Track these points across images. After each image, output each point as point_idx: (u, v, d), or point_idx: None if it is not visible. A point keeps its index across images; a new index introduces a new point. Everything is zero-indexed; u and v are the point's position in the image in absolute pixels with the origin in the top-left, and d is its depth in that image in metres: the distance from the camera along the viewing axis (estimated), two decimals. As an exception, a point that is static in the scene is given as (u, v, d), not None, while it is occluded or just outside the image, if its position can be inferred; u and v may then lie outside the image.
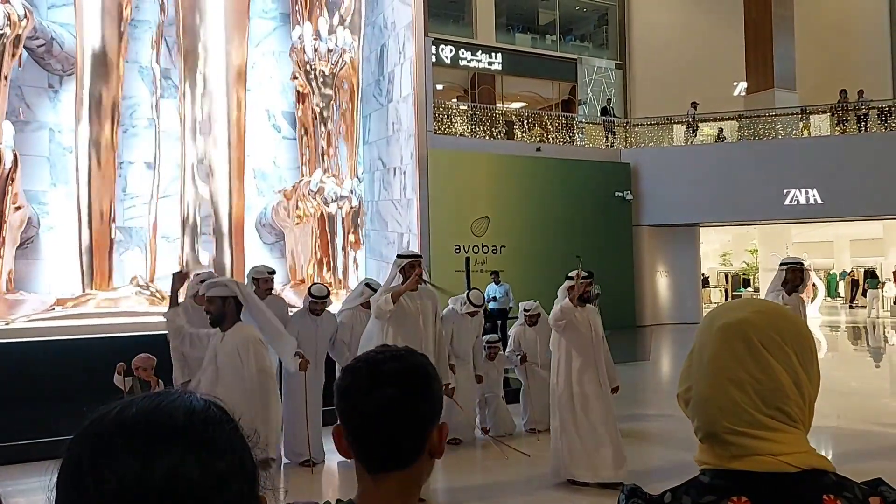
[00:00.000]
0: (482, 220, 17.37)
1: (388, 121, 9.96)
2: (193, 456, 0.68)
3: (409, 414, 1.08)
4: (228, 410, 0.77)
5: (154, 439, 0.68)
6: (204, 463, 0.68)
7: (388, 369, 1.09)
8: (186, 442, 0.69)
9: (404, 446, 1.08)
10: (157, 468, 0.66)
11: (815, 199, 18.45)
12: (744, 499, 0.99)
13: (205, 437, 0.71)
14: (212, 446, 0.70)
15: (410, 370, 1.10)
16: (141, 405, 0.72)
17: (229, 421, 0.75)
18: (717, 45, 22.98)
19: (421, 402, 1.09)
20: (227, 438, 0.73)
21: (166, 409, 0.71)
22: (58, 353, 7.09)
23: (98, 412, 0.72)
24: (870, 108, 19.18)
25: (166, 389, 0.77)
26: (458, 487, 5.62)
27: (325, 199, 9.32)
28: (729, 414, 1.01)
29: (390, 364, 1.10)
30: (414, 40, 9.71)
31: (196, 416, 0.72)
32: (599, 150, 20.26)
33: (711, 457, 1.04)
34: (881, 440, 7.17)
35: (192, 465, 0.67)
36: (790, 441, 1.00)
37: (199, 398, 0.75)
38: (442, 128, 18.01)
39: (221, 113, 8.83)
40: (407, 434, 1.08)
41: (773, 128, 19.78)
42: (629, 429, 7.38)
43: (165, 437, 0.69)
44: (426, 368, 1.12)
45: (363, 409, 1.08)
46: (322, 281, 9.36)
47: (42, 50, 8.09)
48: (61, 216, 8.10)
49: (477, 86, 21.75)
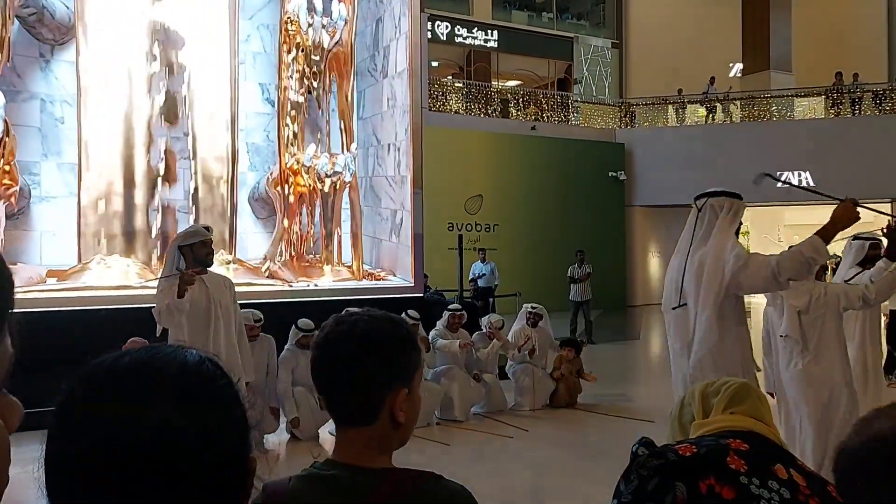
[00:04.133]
0: (476, 198, 17.35)
1: (383, 96, 9.90)
2: (182, 408, 0.69)
3: (358, 373, 1.12)
4: (224, 367, 0.77)
5: (144, 389, 0.69)
6: (193, 416, 0.69)
7: (345, 329, 1.14)
8: (176, 394, 0.69)
9: (356, 404, 1.12)
10: (146, 417, 0.67)
11: (808, 181, 18.48)
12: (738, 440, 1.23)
13: (196, 392, 0.71)
14: (202, 401, 0.71)
15: (367, 331, 1.13)
16: (136, 356, 0.72)
17: (223, 377, 0.75)
18: (714, 26, 22.88)
19: (372, 362, 1.12)
20: (218, 395, 0.73)
21: (160, 362, 0.72)
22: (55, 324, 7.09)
23: (94, 361, 0.73)
24: (864, 91, 19.17)
25: (163, 343, 0.77)
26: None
27: (318, 175, 9.28)
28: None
29: (349, 324, 1.14)
30: (409, 15, 9.62)
31: (188, 369, 0.72)
32: (594, 130, 20.22)
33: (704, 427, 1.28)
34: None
35: (180, 418, 0.68)
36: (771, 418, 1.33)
37: (194, 353, 0.75)
38: (437, 105, 17.92)
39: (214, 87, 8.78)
40: (358, 392, 1.12)
41: (768, 109, 19.76)
42: (621, 407, 7.46)
43: (156, 388, 0.69)
44: (386, 330, 1.14)
45: (321, 362, 1.15)
46: (312, 257, 9.35)
47: (33, 19, 7.98)
48: (53, 187, 8.05)
49: (472, 63, 21.62)
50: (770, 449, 1.23)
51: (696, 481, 1.14)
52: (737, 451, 1.18)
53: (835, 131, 18.45)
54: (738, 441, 1.21)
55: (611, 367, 9.88)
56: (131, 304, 7.04)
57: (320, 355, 1.15)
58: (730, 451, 1.18)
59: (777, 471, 1.16)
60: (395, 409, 1.12)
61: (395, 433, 1.14)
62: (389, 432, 1.14)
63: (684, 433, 1.36)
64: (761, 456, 1.19)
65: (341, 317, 1.17)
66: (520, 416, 7.11)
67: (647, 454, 1.20)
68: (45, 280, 7.84)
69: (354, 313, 1.17)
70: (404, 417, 1.13)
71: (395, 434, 1.15)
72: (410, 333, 1.17)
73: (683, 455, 1.18)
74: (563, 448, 6.12)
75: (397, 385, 1.13)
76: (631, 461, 1.22)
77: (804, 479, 1.16)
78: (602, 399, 7.73)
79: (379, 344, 1.13)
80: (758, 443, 1.22)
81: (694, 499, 1.14)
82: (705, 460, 1.17)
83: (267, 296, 8.28)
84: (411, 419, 1.16)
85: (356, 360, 1.12)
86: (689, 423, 1.36)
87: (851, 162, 17.94)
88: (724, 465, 1.15)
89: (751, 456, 1.18)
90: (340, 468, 1.12)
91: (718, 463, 1.15)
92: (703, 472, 1.15)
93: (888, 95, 19.05)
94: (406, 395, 1.14)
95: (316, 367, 1.16)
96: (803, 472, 1.19)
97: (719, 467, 1.15)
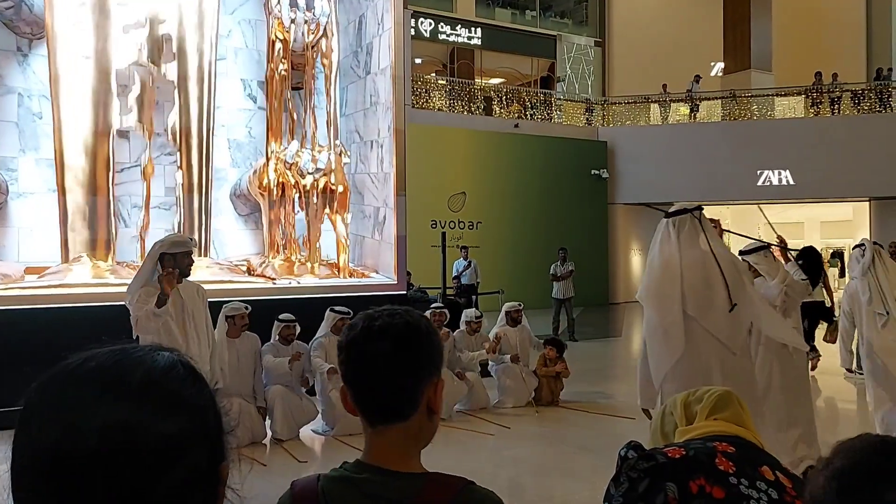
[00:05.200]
0: (459, 195, 17.36)
1: (366, 93, 9.86)
2: (148, 413, 0.66)
3: (401, 367, 1.12)
4: (198, 371, 0.74)
5: (104, 393, 0.66)
6: (159, 421, 0.66)
7: (381, 324, 1.13)
8: (138, 398, 0.67)
9: (398, 399, 1.12)
10: (100, 421, 0.64)
11: (788, 180, 18.67)
12: (724, 443, 1.24)
13: (164, 395, 0.68)
14: (171, 406, 0.68)
15: (403, 325, 1.13)
16: (102, 358, 0.70)
17: (195, 381, 0.72)
18: (696, 25, 23.03)
19: (412, 356, 1.13)
20: (189, 398, 0.70)
21: (125, 364, 0.69)
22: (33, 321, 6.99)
23: (57, 366, 0.70)
24: (843, 91, 19.38)
25: (136, 345, 0.74)
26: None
27: (300, 171, 9.24)
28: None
29: (385, 319, 1.14)
30: (393, 12, 9.59)
31: (155, 373, 0.69)
32: (576, 128, 20.29)
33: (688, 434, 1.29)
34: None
35: (146, 422, 0.65)
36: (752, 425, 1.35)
37: (166, 356, 0.72)
38: (420, 102, 17.89)
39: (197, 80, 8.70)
40: (400, 387, 1.12)
41: (749, 108, 19.93)
42: (602, 404, 7.49)
43: (116, 392, 0.66)
44: (419, 324, 1.16)
45: (358, 361, 1.13)
46: (296, 256, 9.31)
47: (10, 12, 7.87)
48: (31, 183, 7.94)
49: (456, 60, 21.61)
50: (755, 452, 1.25)
51: (686, 481, 1.15)
52: (724, 454, 1.20)
53: (814, 131, 18.63)
54: (725, 444, 1.23)
55: (593, 364, 9.92)
56: (109, 302, 6.97)
57: (358, 352, 1.13)
58: (717, 453, 1.20)
59: (764, 472, 1.18)
60: (434, 399, 1.14)
61: (429, 425, 1.15)
62: (425, 425, 1.15)
63: (667, 442, 1.38)
64: (748, 458, 1.21)
65: (372, 313, 1.17)
66: (502, 413, 7.13)
67: (636, 457, 1.20)
68: (24, 277, 7.74)
69: (380, 309, 1.18)
70: (439, 406, 1.15)
71: (430, 426, 1.15)
72: (433, 325, 1.19)
73: (673, 457, 1.20)
74: (544, 445, 6.14)
75: (434, 375, 1.15)
76: (620, 465, 1.22)
77: (790, 482, 1.18)
78: (584, 396, 7.76)
79: (415, 336, 1.14)
80: (743, 446, 1.25)
81: (685, 499, 1.15)
82: (694, 461, 1.19)
83: (250, 293, 8.23)
84: (438, 415, 1.17)
85: (397, 354, 1.11)
86: (672, 433, 1.38)
87: (831, 161, 18.14)
88: (713, 465, 1.17)
89: (738, 458, 1.20)
90: (373, 472, 1.10)
91: (707, 464, 1.17)
92: (693, 472, 1.17)
93: (866, 95, 19.27)
94: (441, 384, 1.16)
95: (353, 365, 1.14)
96: (788, 475, 1.21)
97: (709, 468, 1.17)
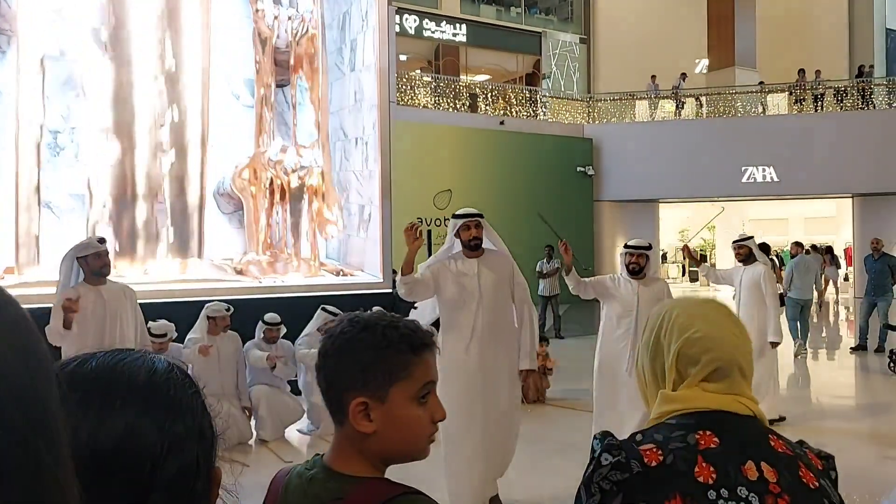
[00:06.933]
0: (445, 193, 17.33)
1: (351, 90, 9.80)
2: (150, 416, 0.67)
3: (323, 376, 1.14)
4: (191, 376, 0.75)
5: (111, 397, 0.67)
6: (160, 424, 0.67)
7: (335, 329, 1.14)
8: (144, 402, 0.68)
9: (328, 401, 1.14)
10: (112, 425, 0.65)
11: (772, 176, 18.78)
12: (708, 432, 1.14)
13: (164, 399, 0.69)
14: (170, 409, 0.69)
15: (337, 335, 1.13)
16: (101, 360, 0.70)
17: (191, 385, 0.74)
18: (681, 22, 23.11)
19: (331, 368, 1.12)
20: (187, 403, 0.71)
21: (127, 367, 0.70)
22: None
23: (58, 365, 0.70)
24: (826, 88, 19.52)
25: (128, 349, 0.75)
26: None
27: (284, 169, 9.18)
28: (742, 355, 1.23)
29: (341, 325, 1.14)
30: (377, 9, 9.54)
31: (157, 376, 0.71)
32: (562, 125, 20.30)
33: (672, 404, 1.19)
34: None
35: (148, 426, 0.67)
36: (749, 391, 1.23)
37: (162, 360, 0.73)
38: (405, 99, 17.84)
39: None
40: (323, 392, 1.14)
41: (733, 106, 20.02)
42: (588, 401, 7.49)
43: (123, 395, 0.67)
44: (359, 340, 1.10)
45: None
46: (280, 254, 9.25)
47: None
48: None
49: (441, 57, 21.56)
50: (742, 437, 1.14)
51: (661, 501, 1.08)
52: (705, 454, 1.11)
53: (798, 128, 18.76)
54: (710, 434, 1.13)
55: (578, 361, 9.92)
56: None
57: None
58: (698, 455, 1.11)
59: (747, 471, 1.10)
60: (352, 417, 1.09)
61: (368, 442, 1.09)
62: (362, 438, 1.09)
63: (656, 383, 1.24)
64: (732, 453, 1.12)
65: (349, 316, 1.16)
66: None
67: (609, 465, 1.13)
68: (3, 278, 7.64)
69: (364, 316, 1.15)
70: (368, 429, 1.08)
71: (370, 443, 1.09)
72: (396, 348, 1.10)
73: (648, 464, 1.11)
74: (529, 443, 6.13)
75: (355, 394, 1.09)
76: (592, 467, 1.14)
77: (775, 474, 1.12)
78: (570, 394, 7.77)
79: (349, 349, 1.10)
80: (730, 433, 1.14)
81: None
82: (672, 471, 1.10)
83: (234, 292, 8.17)
84: (389, 435, 1.09)
85: (325, 360, 1.13)
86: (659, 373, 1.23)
87: (814, 158, 18.27)
88: (692, 477, 1.09)
89: (721, 457, 1.11)
90: (320, 469, 1.12)
91: (686, 475, 1.08)
92: (669, 488, 1.09)
93: (849, 92, 19.41)
94: (366, 406, 1.08)
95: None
96: (776, 460, 1.13)
97: (686, 481, 1.09)
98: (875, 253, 10.86)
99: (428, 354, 1.13)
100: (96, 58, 8.21)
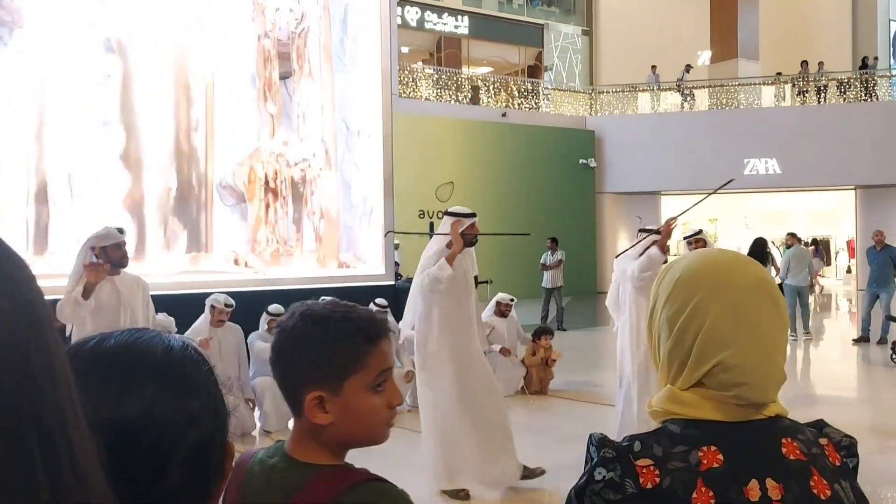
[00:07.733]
0: (447, 185, 17.32)
1: (352, 82, 9.80)
2: (168, 393, 0.70)
3: (277, 371, 1.15)
4: (204, 354, 0.78)
5: (131, 374, 0.69)
6: (177, 400, 0.70)
7: (286, 322, 1.14)
8: (163, 379, 0.70)
9: (284, 397, 1.15)
10: (133, 402, 0.67)
11: (775, 168, 18.75)
12: (713, 448, 1.02)
13: (181, 377, 0.72)
14: (187, 386, 0.72)
15: (289, 330, 1.13)
16: (119, 339, 0.72)
17: (205, 363, 0.76)
18: (683, 14, 23.03)
19: (285, 364, 1.13)
20: (202, 380, 0.74)
21: (144, 346, 0.72)
22: None
23: (73, 345, 0.73)
24: (829, 80, 19.46)
25: (143, 328, 0.77)
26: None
27: (287, 162, 9.18)
28: (776, 385, 1.04)
29: (291, 318, 1.14)
30: (379, 0, 9.53)
31: (174, 355, 0.73)
32: (564, 117, 20.27)
33: (680, 407, 1.05)
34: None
35: (167, 401, 0.69)
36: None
37: (177, 339, 0.76)
38: (407, 91, 17.82)
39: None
40: (280, 388, 1.15)
41: (736, 97, 19.97)
42: (591, 392, 7.51)
43: (143, 373, 0.70)
44: (307, 334, 1.11)
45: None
46: (283, 247, 9.26)
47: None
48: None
49: (443, 49, 21.52)
50: (751, 450, 1.03)
51: None
52: (706, 475, 1.01)
53: (800, 119, 18.71)
54: (714, 451, 1.02)
55: (581, 353, 9.97)
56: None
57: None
58: (699, 479, 1.00)
59: (749, 492, 0.99)
60: (308, 411, 1.09)
61: (326, 432, 1.10)
62: (320, 429, 1.10)
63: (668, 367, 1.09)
64: (735, 472, 1.01)
65: (301, 309, 1.15)
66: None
67: (603, 480, 1.03)
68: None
69: (316, 309, 1.14)
70: (324, 420, 1.09)
71: (328, 433, 1.10)
72: (350, 340, 1.10)
73: (644, 487, 1.01)
74: (532, 434, 6.14)
75: (310, 388, 1.09)
76: (586, 479, 1.05)
77: (781, 490, 0.99)
78: (573, 385, 7.78)
79: (302, 344, 1.11)
80: (738, 443, 1.03)
81: None
82: (668, 498, 1.01)
83: (235, 284, 8.19)
84: (346, 424, 1.10)
85: (279, 356, 1.14)
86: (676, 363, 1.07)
87: (816, 150, 18.23)
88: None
89: (723, 478, 1.00)
90: (281, 458, 1.13)
91: (682, 502, 0.99)
92: None
93: (852, 84, 19.36)
94: (321, 400, 1.09)
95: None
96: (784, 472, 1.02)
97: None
98: (877, 245, 10.88)
99: (384, 342, 1.13)
100: (100, 55, 8.21)
